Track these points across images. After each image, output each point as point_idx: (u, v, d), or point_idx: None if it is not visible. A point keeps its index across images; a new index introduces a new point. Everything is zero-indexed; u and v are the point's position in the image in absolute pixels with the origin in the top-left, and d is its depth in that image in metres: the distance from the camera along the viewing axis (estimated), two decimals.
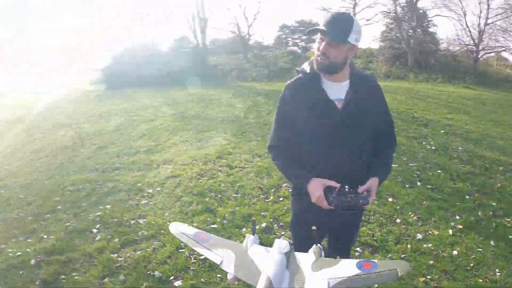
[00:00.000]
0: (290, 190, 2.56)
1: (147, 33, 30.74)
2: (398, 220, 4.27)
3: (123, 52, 24.61)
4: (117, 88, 20.18)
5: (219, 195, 5.15)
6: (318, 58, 1.85)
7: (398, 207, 4.58)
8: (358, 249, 3.74)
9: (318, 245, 1.48)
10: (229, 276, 1.45)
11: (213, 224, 4.37)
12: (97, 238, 4.38)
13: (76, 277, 3.68)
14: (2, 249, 4.57)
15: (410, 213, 4.45)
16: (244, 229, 4.18)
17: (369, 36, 26.07)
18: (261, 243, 1.59)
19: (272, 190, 5.18)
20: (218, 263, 1.50)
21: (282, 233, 4.06)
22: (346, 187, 1.77)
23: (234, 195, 5.15)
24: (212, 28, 30.12)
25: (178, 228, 1.71)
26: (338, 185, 1.79)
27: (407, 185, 5.24)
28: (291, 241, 1.57)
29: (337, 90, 1.91)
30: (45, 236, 4.66)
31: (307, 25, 38.53)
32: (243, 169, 6.07)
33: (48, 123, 13.28)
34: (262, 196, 5.06)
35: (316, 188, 1.82)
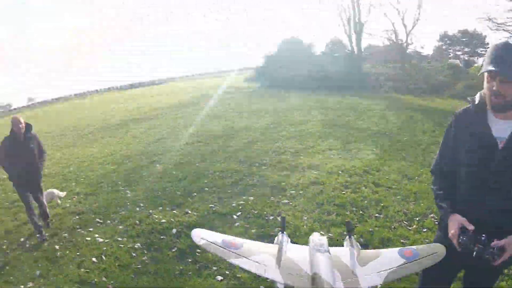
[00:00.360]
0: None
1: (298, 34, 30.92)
2: None
3: (277, 52, 25.35)
4: (270, 87, 20.86)
5: (360, 211, 4.82)
6: (492, 98, 1.68)
7: None
8: None
9: (352, 237, 1.32)
10: (279, 286, 1.31)
11: None
12: (236, 224, 4.54)
13: (210, 254, 3.77)
14: (149, 213, 5.07)
15: None
16: None
17: None
18: (292, 241, 1.44)
19: (417, 218, 4.54)
20: (263, 272, 1.35)
21: None
22: (484, 235, 1.61)
23: (376, 214, 4.73)
24: (367, 34, 29.00)
25: (203, 236, 1.52)
26: (472, 228, 1.68)
27: None
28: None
29: (503, 127, 1.74)
30: (189, 211, 5.00)
31: (470, 35, 35.44)
32: (390, 189, 5.52)
33: (204, 113, 14.39)
34: (405, 222, 4.50)
35: (453, 224, 1.76)
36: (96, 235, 4.67)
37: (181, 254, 3.95)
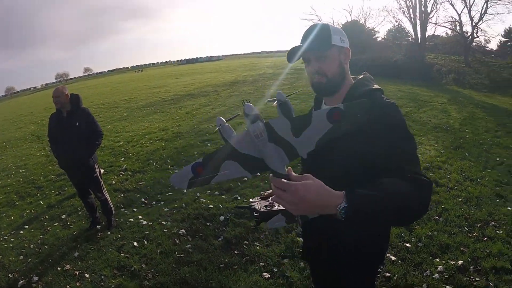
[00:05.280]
0: None
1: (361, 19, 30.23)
2: None
3: None
4: None
5: None
6: (315, 79, 1.47)
7: None
8: None
9: (281, 105, 1.22)
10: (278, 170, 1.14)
11: (407, 242, 3.67)
12: None
13: (258, 247, 3.63)
14: (197, 197, 4.90)
15: None
16: (437, 259, 3.41)
17: None
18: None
19: (478, 225, 4.05)
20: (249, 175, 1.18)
21: (477, 279, 3.14)
22: None
23: (436, 217, 4.20)
24: (432, 24, 27.62)
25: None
26: None
27: None
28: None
29: None
30: (239, 197, 4.80)
31: None
32: (451, 190, 4.99)
33: (260, 92, 14.19)
34: (466, 228, 4.00)
35: None
36: (140, 217, 4.57)
37: (227, 244, 3.73)
